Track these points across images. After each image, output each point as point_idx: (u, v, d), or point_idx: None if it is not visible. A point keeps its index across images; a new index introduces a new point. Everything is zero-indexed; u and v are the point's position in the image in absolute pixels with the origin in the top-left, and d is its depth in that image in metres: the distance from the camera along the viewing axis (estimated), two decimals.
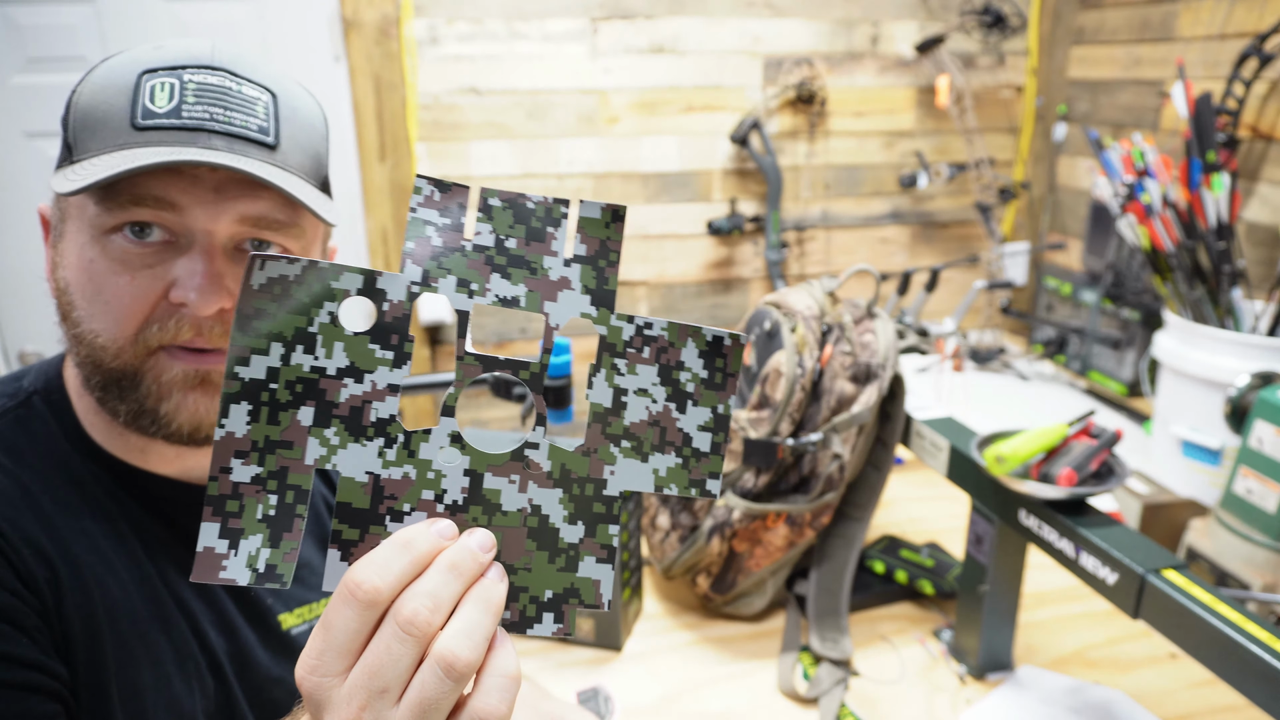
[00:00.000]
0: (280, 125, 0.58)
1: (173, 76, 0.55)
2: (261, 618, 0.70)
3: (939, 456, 1.03)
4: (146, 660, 0.60)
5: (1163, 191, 1.41)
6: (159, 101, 0.55)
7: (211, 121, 0.55)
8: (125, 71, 0.56)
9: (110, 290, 0.56)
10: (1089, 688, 0.98)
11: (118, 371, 0.57)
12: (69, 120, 0.57)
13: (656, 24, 2.12)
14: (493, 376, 1.29)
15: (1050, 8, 2.29)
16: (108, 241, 0.56)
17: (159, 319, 0.57)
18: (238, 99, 0.56)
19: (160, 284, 0.56)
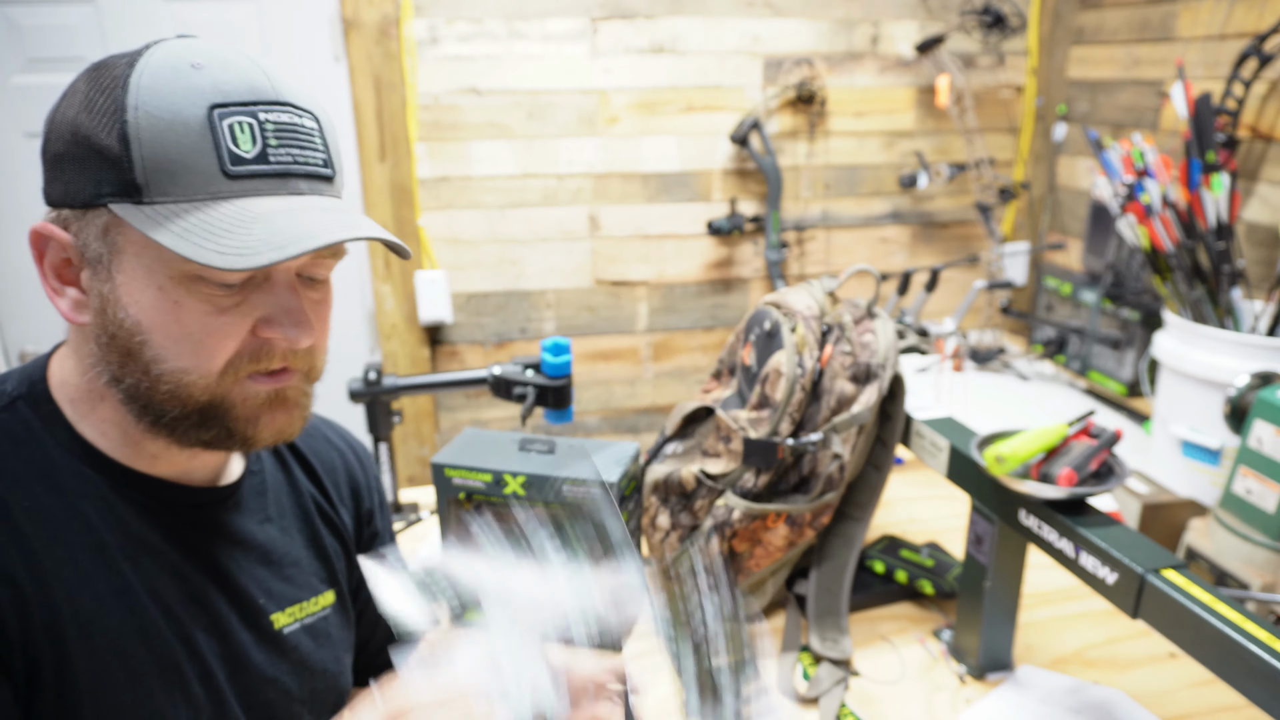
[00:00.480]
0: (331, 153, 0.61)
1: (248, 116, 0.56)
2: (255, 619, 0.69)
3: (939, 456, 1.04)
4: (125, 677, 0.59)
5: (1162, 192, 1.41)
6: (244, 145, 0.55)
7: (295, 165, 0.58)
8: (190, 105, 0.54)
9: (199, 331, 0.57)
10: (1088, 687, 0.98)
11: (205, 404, 0.59)
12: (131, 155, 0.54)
13: (656, 24, 2.12)
14: (492, 376, 1.29)
15: (1050, 8, 2.29)
16: (194, 285, 0.56)
17: (248, 352, 0.59)
18: (305, 135, 0.58)
19: (249, 320, 0.59)
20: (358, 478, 0.85)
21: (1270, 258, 1.67)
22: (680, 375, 2.41)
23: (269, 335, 0.59)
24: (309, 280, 0.63)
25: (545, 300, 2.26)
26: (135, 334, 0.57)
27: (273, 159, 0.56)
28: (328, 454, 0.83)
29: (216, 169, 0.55)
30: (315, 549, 0.77)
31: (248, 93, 0.56)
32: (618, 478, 1.01)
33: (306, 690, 0.72)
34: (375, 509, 0.86)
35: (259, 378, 0.61)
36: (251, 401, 0.61)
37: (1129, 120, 2.06)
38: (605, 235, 2.24)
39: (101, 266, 0.57)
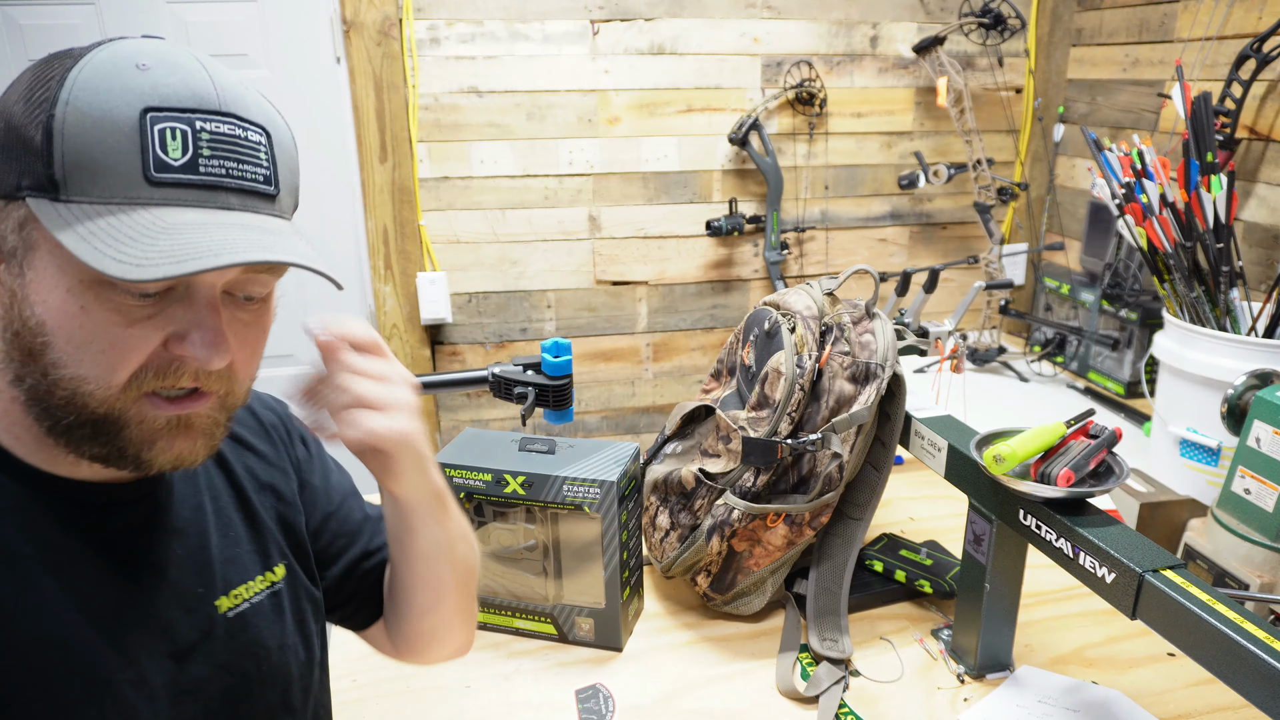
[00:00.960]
0: (278, 170, 0.58)
1: (183, 123, 0.53)
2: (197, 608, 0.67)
3: (938, 456, 1.04)
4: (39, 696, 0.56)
5: (1161, 192, 1.41)
6: (172, 153, 0.52)
7: (227, 178, 0.54)
8: (123, 105, 0.52)
9: (105, 340, 0.54)
10: (1087, 687, 0.99)
11: (100, 416, 0.55)
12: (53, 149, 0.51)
13: (656, 25, 2.12)
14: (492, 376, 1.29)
15: (1049, 9, 2.29)
16: (102, 291, 0.53)
17: (154, 366, 0.55)
18: (246, 148, 0.56)
19: (160, 334, 0.55)
20: (280, 433, 0.81)
21: (1268, 258, 1.68)
22: (680, 375, 2.41)
23: (179, 352, 0.55)
24: (241, 299, 0.59)
25: (545, 300, 2.27)
26: (39, 334, 0.54)
27: (202, 169, 0.53)
28: (250, 420, 0.79)
29: (139, 174, 0.52)
30: (255, 524, 0.74)
31: (188, 99, 0.53)
32: (618, 478, 1.02)
33: (265, 668, 0.70)
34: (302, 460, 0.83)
35: (161, 402, 0.57)
36: (149, 424, 0.56)
37: (1128, 121, 2.06)
38: (605, 235, 2.25)
39: (15, 261, 0.54)
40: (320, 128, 2.08)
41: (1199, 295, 1.39)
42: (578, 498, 1.02)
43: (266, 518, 0.76)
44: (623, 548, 1.05)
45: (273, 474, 0.78)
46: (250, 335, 0.61)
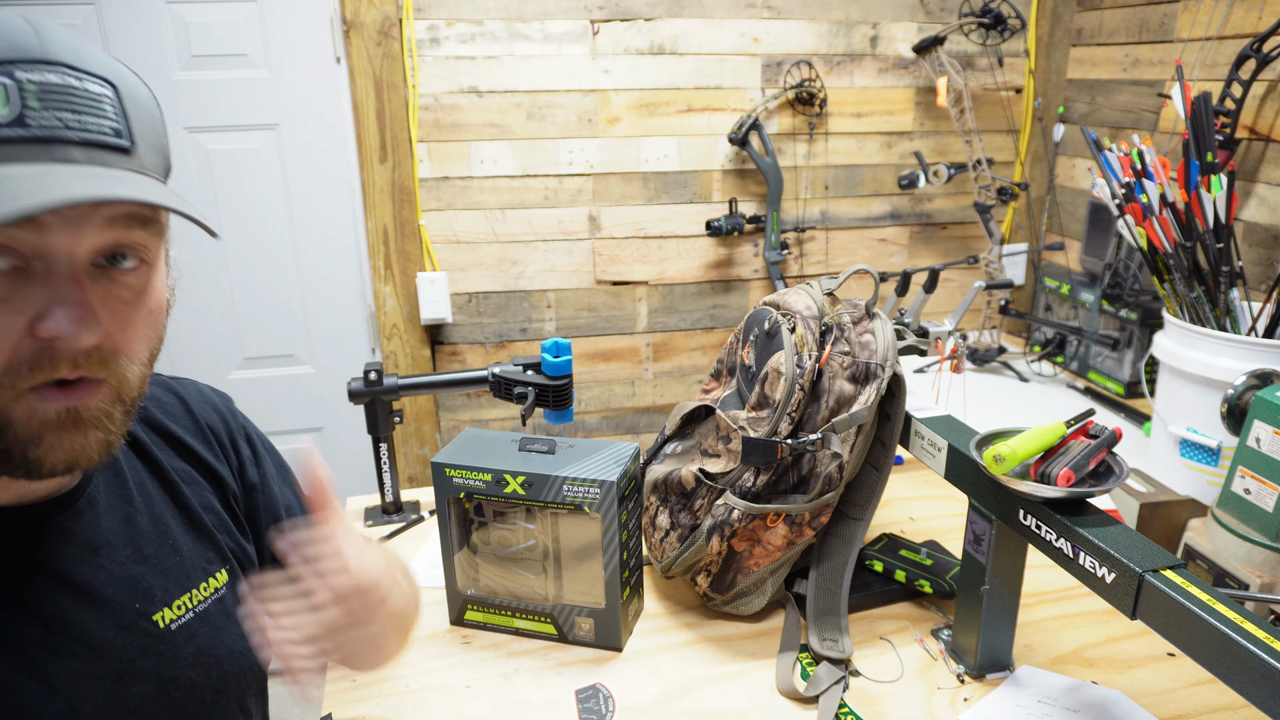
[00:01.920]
0: (131, 123, 0.53)
1: (3, 76, 0.47)
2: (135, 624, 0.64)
3: (937, 456, 1.04)
4: None
5: (1161, 192, 1.41)
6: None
7: (65, 130, 0.49)
8: None
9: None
10: (1087, 687, 0.99)
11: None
12: None
13: (656, 25, 2.12)
14: (492, 376, 1.29)
15: (1049, 9, 2.29)
16: None
17: (26, 359, 0.50)
18: (84, 99, 0.50)
19: (20, 318, 0.49)
20: (221, 434, 0.78)
21: (1268, 258, 1.68)
22: (680, 375, 2.41)
23: (45, 334, 0.50)
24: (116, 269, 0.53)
25: (545, 300, 2.27)
26: None
27: (33, 122, 0.48)
28: (186, 418, 0.75)
29: None
30: (195, 529, 0.71)
31: (6, 50, 0.48)
32: (618, 478, 1.02)
33: (215, 677, 0.69)
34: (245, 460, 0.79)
35: (46, 391, 0.51)
36: (36, 420, 0.51)
37: (1128, 121, 2.06)
38: (605, 235, 2.25)
39: None
40: (320, 128, 2.08)
41: (1199, 295, 1.39)
42: (578, 498, 1.02)
43: (206, 520, 0.72)
44: (623, 548, 1.05)
45: (210, 475, 0.75)
46: (131, 314, 0.55)
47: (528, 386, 1.26)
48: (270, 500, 0.80)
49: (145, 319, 0.56)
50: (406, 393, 1.31)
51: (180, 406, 0.76)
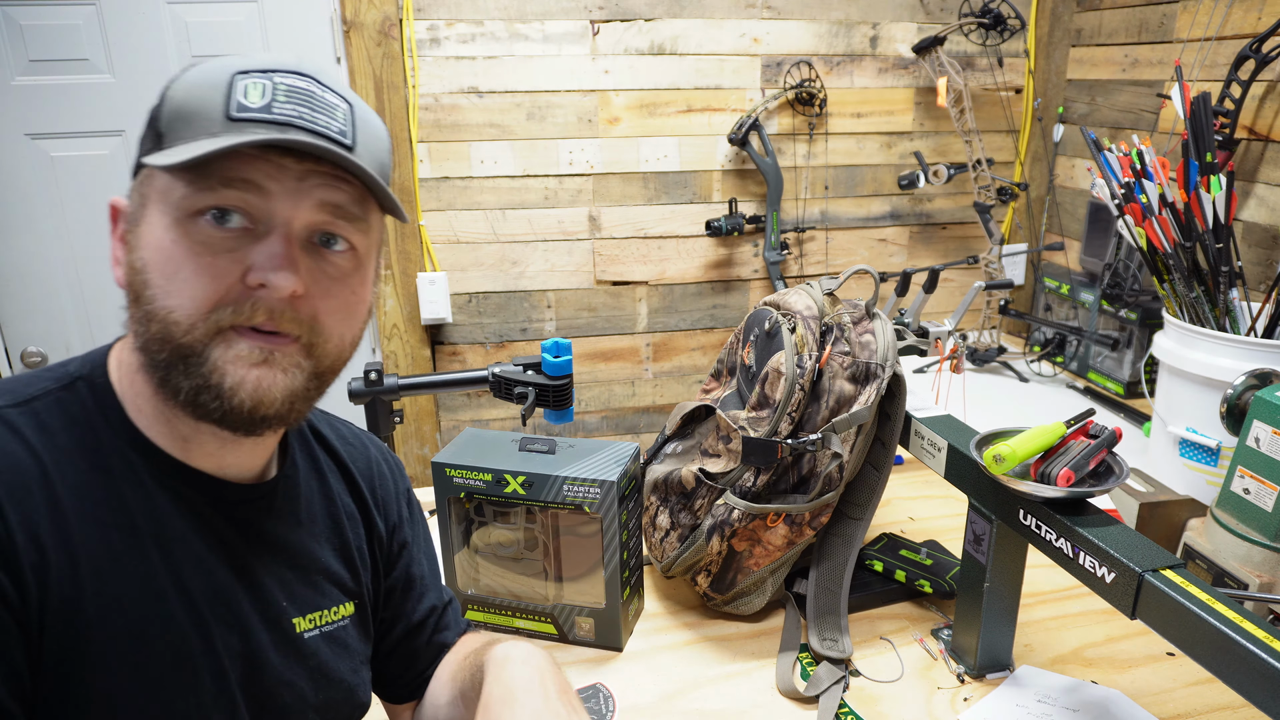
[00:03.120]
0: (357, 131, 0.63)
1: (264, 78, 0.59)
2: (276, 620, 0.70)
3: (938, 456, 1.04)
4: (136, 660, 0.60)
5: (1160, 192, 1.41)
6: (251, 98, 0.58)
7: (299, 119, 0.59)
8: (219, 72, 0.59)
9: (190, 269, 0.58)
10: (1087, 687, 0.99)
11: (186, 347, 0.59)
12: (161, 112, 0.60)
13: (656, 25, 2.12)
14: (493, 376, 1.29)
15: (1048, 9, 2.29)
16: (192, 224, 0.58)
17: (233, 300, 0.59)
18: (321, 102, 0.61)
19: (239, 267, 0.59)
20: (389, 486, 0.85)
21: (1268, 258, 1.68)
22: (680, 375, 2.41)
23: (254, 283, 0.59)
24: (328, 250, 0.63)
25: (545, 300, 2.27)
26: (141, 273, 0.59)
27: (276, 110, 0.59)
28: (365, 462, 0.84)
29: (221, 114, 0.58)
30: (342, 558, 0.77)
31: (273, 64, 0.60)
32: (618, 477, 1.02)
33: (322, 698, 0.72)
34: (403, 520, 0.86)
35: (246, 331, 0.60)
36: (231, 352, 0.59)
37: (1127, 121, 2.06)
38: (605, 235, 2.25)
39: (134, 221, 0.61)
40: None
41: (1198, 295, 1.39)
42: (578, 498, 1.02)
43: (354, 554, 0.79)
44: (623, 548, 1.05)
45: (368, 518, 0.81)
46: (334, 288, 0.63)
47: (528, 386, 1.26)
48: (411, 562, 0.86)
49: (346, 300, 0.64)
50: (407, 393, 1.31)
51: (363, 452, 0.84)
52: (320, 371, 0.64)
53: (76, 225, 1.99)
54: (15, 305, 2.02)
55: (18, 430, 0.59)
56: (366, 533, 0.81)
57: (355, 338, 0.67)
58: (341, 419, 0.87)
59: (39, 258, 1.99)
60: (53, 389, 0.63)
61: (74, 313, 2.05)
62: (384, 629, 0.84)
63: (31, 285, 2.01)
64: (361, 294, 0.66)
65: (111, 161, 1.98)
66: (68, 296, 2.03)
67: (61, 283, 2.02)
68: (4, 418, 0.60)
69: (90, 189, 1.98)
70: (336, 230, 0.63)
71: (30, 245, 1.98)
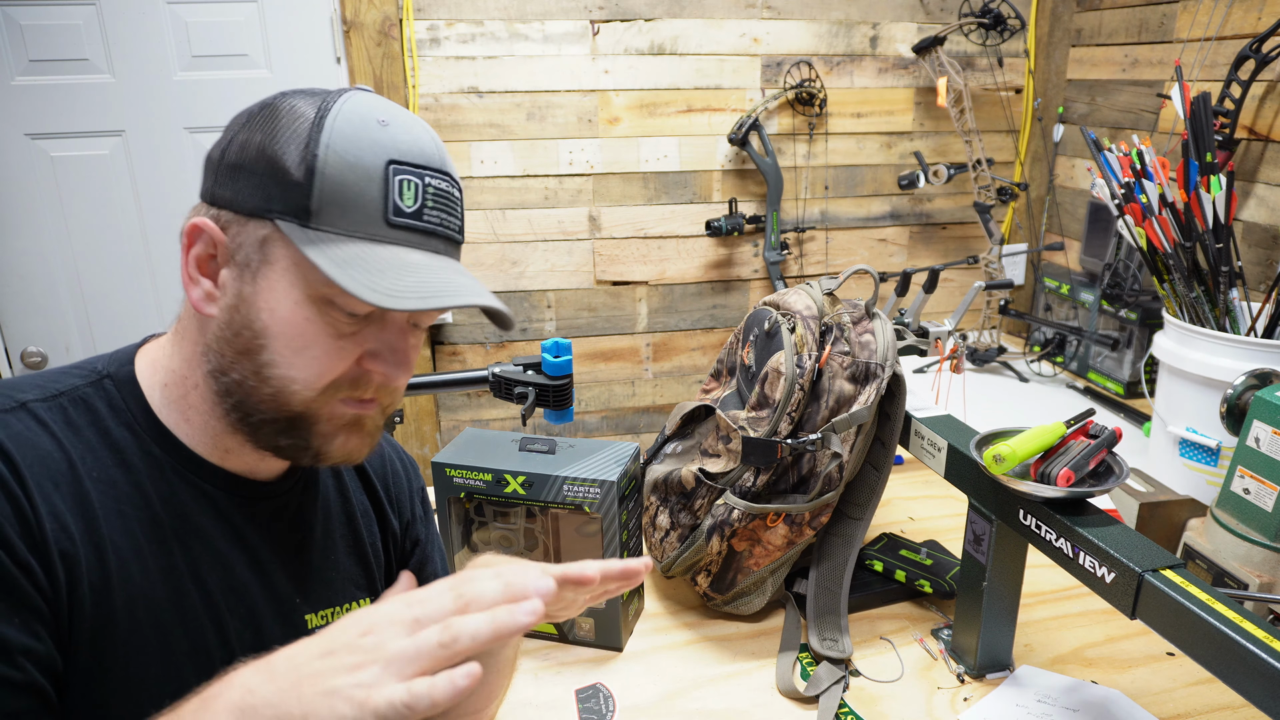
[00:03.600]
0: (463, 220, 0.68)
1: (417, 177, 0.63)
2: (289, 615, 0.72)
3: (938, 456, 1.04)
4: (159, 651, 0.62)
5: (1160, 192, 1.41)
6: (406, 200, 0.62)
7: (441, 228, 0.64)
8: (373, 155, 0.61)
9: (318, 349, 0.62)
10: (1087, 687, 0.99)
11: (299, 416, 0.64)
12: (314, 185, 0.60)
13: (656, 25, 2.12)
14: (493, 376, 1.29)
15: (1048, 9, 2.29)
16: (328, 309, 0.62)
17: (350, 380, 0.64)
18: (453, 203, 0.66)
19: (359, 349, 0.64)
20: (403, 485, 0.87)
21: (1268, 258, 1.68)
22: (680, 375, 2.41)
23: (371, 367, 0.64)
24: (414, 327, 0.68)
25: (545, 300, 2.27)
26: (259, 336, 0.62)
27: (426, 218, 0.63)
28: (379, 461, 0.86)
29: (380, 215, 0.61)
30: (356, 556, 0.79)
31: (419, 156, 0.63)
32: (618, 477, 1.02)
33: None
34: (417, 518, 0.88)
35: (350, 401, 0.65)
36: (336, 421, 0.65)
37: (1127, 121, 2.06)
38: (605, 235, 2.25)
39: (248, 270, 0.62)
40: None
41: (1198, 295, 1.39)
42: (578, 498, 1.02)
43: (368, 551, 0.81)
44: (623, 548, 1.05)
45: (382, 516, 0.84)
46: (414, 357, 0.69)
47: (528, 386, 1.26)
48: (425, 560, 0.88)
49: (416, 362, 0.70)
50: (407, 393, 1.31)
51: (377, 450, 0.86)
52: (388, 416, 0.71)
53: (76, 225, 1.99)
54: (15, 305, 2.02)
55: (46, 424, 0.61)
56: (381, 530, 0.83)
57: None
58: None
59: (39, 258, 1.99)
60: (80, 385, 0.65)
61: (74, 313, 2.05)
62: None
63: (31, 285, 2.01)
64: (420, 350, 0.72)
65: (111, 161, 1.98)
66: (68, 296, 2.03)
67: (61, 283, 2.02)
68: (33, 412, 0.61)
69: (90, 189, 1.98)
70: (429, 319, 0.69)
71: (30, 245, 1.98)
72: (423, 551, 0.88)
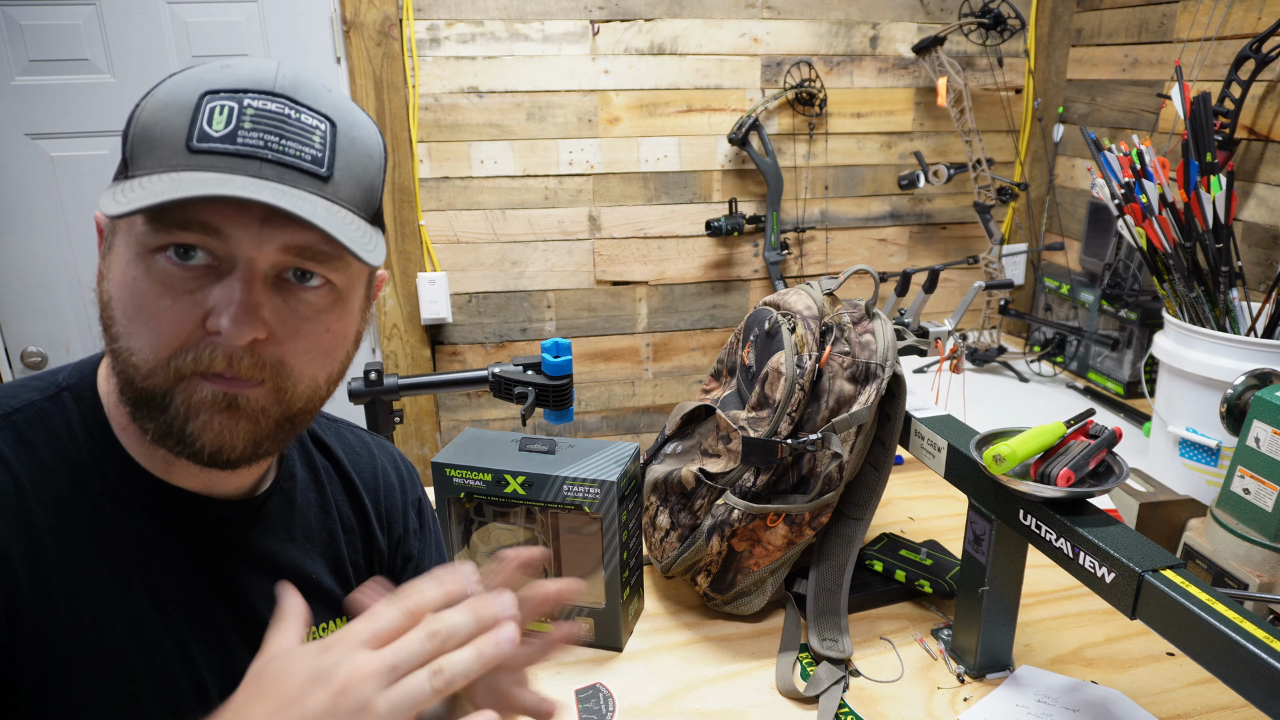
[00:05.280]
0: (335, 155, 0.58)
1: (232, 100, 0.55)
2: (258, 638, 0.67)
3: (938, 456, 1.04)
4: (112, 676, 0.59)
5: (1160, 192, 1.41)
6: (216, 125, 0.54)
7: (265, 149, 0.55)
8: (188, 90, 0.55)
9: (149, 311, 0.56)
10: (1087, 687, 0.99)
11: (148, 391, 0.57)
12: (129, 135, 0.56)
13: (656, 25, 2.12)
14: (493, 376, 1.29)
15: (1048, 9, 2.29)
16: (152, 261, 0.55)
17: (193, 346, 0.56)
18: (295, 127, 0.56)
19: (199, 310, 0.56)
20: (395, 498, 0.83)
21: (1268, 258, 1.68)
22: (680, 375, 2.41)
23: (210, 328, 0.55)
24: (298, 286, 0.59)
25: (545, 300, 2.27)
26: (108, 307, 0.58)
27: (240, 140, 0.54)
28: (370, 472, 0.81)
29: (182, 144, 0.54)
30: (336, 574, 0.76)
31: (245, 82, 0.56)
32: (618, 478, 1.02)
33: None
34: (411, 531, 0.84)
35: (208, 377, 0.57)
36: (194, 398, 0.57)
37: (1127, 121, 2.06)
38: (605, 235, 2.25)
39: (108, 246, 0.59)
40: None
41: (1198, 295, 1.39)
42: (578, 498, 1.02)
43: (349, 571, 0.76)
44: (623, 548, 1.05)
45: (367, 532, 0.79)
46: (305, 328, 0.59)
47: (528, 386, 1.26)
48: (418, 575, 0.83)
49: (319, 339, 0.60)
50: (407, 393, 1.31)
51: (369, 461, 0.81)
52: (291, 415, 0.61)
53: (76, 225, 1.99)
54: (15, 305, 2.02)
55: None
56: (365, 546, 0.79)
57: (334, 375, 0.64)
58: (352, 425, 0.85)
59: (39, 258, 1.99)
60: (36, 400, 0.62)
61: (74, 313, 2.05)
62: None
63: (31, 285, 2.01)
64: (339, 329, 0.62)
65: (111, 161, 1.98)
66: (68, 296, 2.03)
67: (61, 283, 2.02)
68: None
69: (90, 189, 1.98)
70: (307, 268, 0.58)
71: (30, 245, 1.98)
72: (415, 568, 0.83)
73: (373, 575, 0.79)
